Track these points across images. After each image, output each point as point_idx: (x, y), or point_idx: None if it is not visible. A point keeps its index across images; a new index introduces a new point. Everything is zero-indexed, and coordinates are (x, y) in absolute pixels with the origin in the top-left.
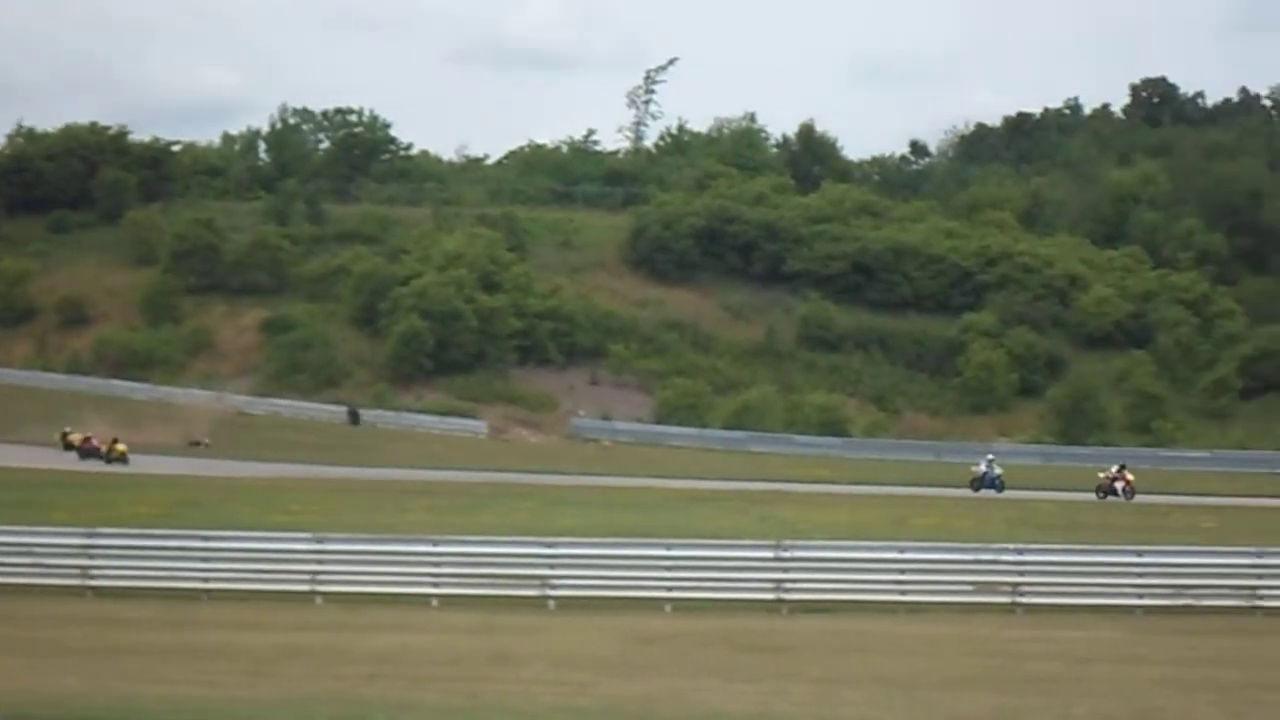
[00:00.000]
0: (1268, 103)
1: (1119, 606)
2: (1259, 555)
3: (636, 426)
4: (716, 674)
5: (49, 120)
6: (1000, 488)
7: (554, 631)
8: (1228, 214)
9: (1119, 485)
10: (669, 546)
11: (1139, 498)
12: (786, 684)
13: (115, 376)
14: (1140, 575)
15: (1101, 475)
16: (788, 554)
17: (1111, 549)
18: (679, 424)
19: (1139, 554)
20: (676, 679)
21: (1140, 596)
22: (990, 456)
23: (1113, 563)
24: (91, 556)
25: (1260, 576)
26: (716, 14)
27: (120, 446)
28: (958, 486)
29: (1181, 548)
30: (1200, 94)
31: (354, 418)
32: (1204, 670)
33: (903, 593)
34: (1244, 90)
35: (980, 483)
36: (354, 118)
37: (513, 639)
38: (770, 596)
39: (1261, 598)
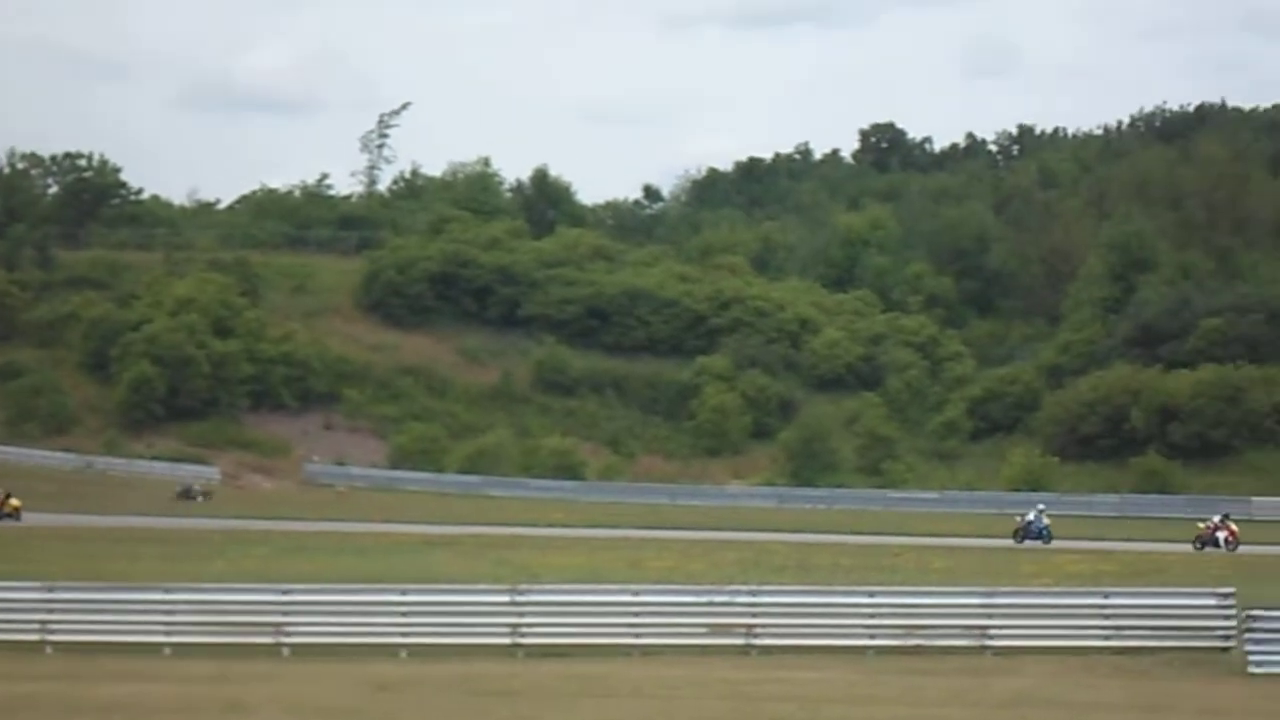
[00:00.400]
0: (994, 148)
1: (851, 647)
2: (988, 595)
3: (371, 471)
4: (452, 719)
5: None
6: (1048, 538)
7: (288, 679)
8: (955, 258)
9: (1221, 535)
10: (404, 592)
11: (871, 539)
12: None
13: None
14: (872, 616)
15: (1202, 526)
16: (523, 598)
17: (844, 590)
18: (414, 469)
19: (870, 595)
20: None
21: (872, 637)
22: (1041, 506)
23: (845, 603)
24: None
25: (989, 616)
26: (450, 59)
27: (14, 502)
28: (694, 529)
29: (912, 588)
30: (928, 139)
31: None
32: (933, 710)
33: (638, 635)
34: (970, 135)
35: (1025, 533)
36: (83, 162)
37: (247, 687)
38: (506, 641)
39: (991, 637)
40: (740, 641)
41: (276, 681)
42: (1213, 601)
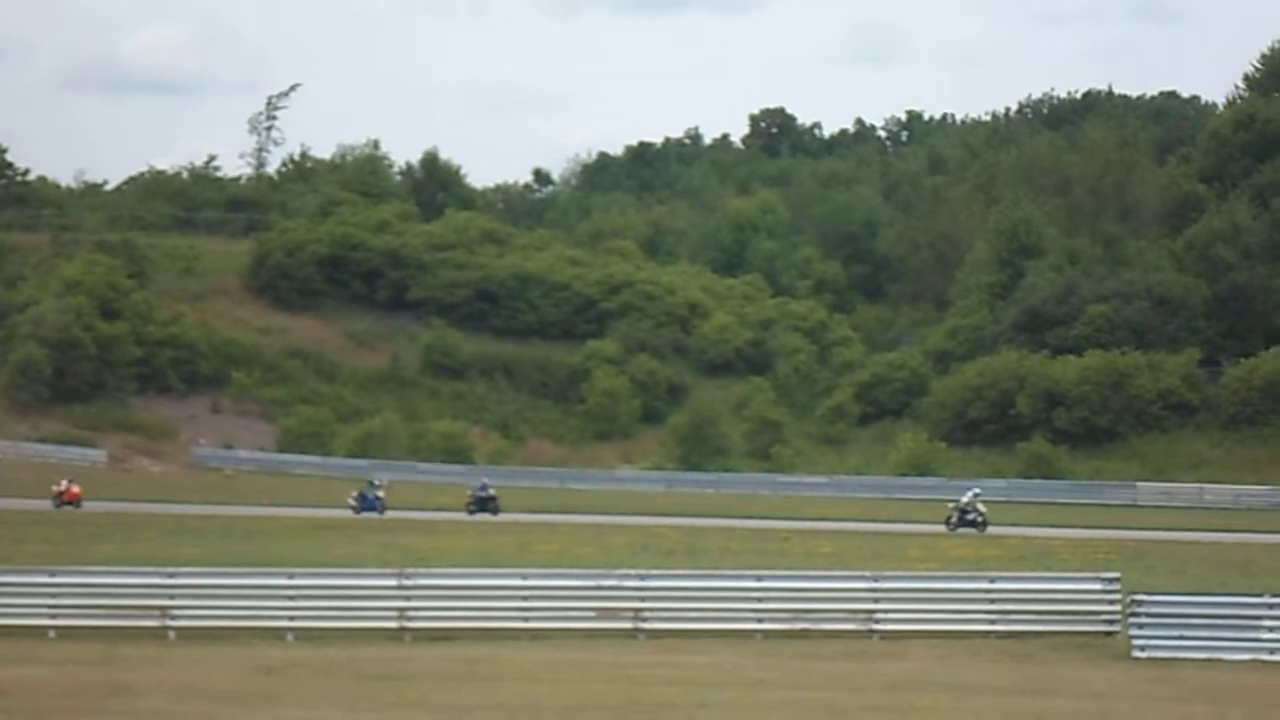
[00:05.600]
0: (883, 134)
1: (739, 631)
2: (875, 579)
3: (259, 455)
4: (339, 704)
5: None
6: (982, 526)
7: (175, 663)
8: (844, 243)
9: (970, 515)
10: (291, 575)
11: (759, 523)
12: (409, 712)
13: None
14: (760, 600)
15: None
16: (410, 582)
17: (732, 574)
18: (302, 452)
19: (758, 579)
20: (298, 709)
21: (760, 621)
22: (975, 490)
23: (733, 588)
24: None
25: (876, 600)
26: (339, 40)
27: (75, 489)
28: (583, 513)
29: (800, 572)
30: (817, 125)
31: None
32: (820, 693)
33: (526, 619)
34: (860, 121)
35: (960, 520)
36: None
37: (132, 671)
38: (394, 625)
39: (878, 621)
40: (628, 625)
41: (162, 665)
42: (1098, 586)
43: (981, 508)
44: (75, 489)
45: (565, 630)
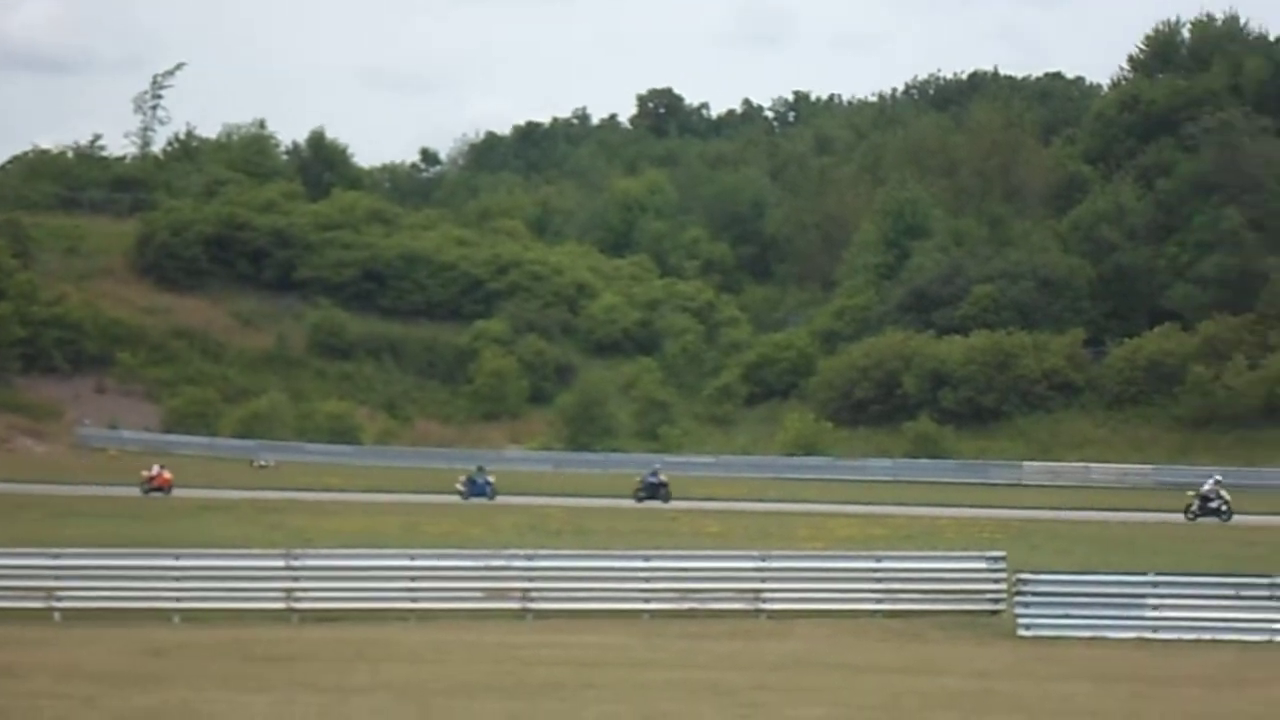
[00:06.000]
0: (770, 114)
1: (627, 611)
2: (762, 559)
3: (145, 435)
4: (226, 685)
5: None
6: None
7: (60, 644)
8: (732, 223)
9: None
10: (177, 556)
11: (647, 504)
12: (296, 693)
13: None
14: (648, 580)
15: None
16: (298, 562)
17: (619, 554)
18: (188, 433)
19: (646, 559)
20: (185, 690)
21: (648, 601)
22: (1217, 477)
23: (620, 568)
24: None
25: (763, 580)
26: (226, 19)
27: (166, 474)
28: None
29: (687, 552)
30: (705, 105)
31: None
32: (708, 673)
33: (414, 600)
34: (747, 102)
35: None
36: None
37: (18, 653)
38: (281, 605)
39: (765, 600)
40: (516, 606)
41: (48, 647)
42: (983, 565)
43: (1225, 494)
44: (167, 474)
45: (453, 611)
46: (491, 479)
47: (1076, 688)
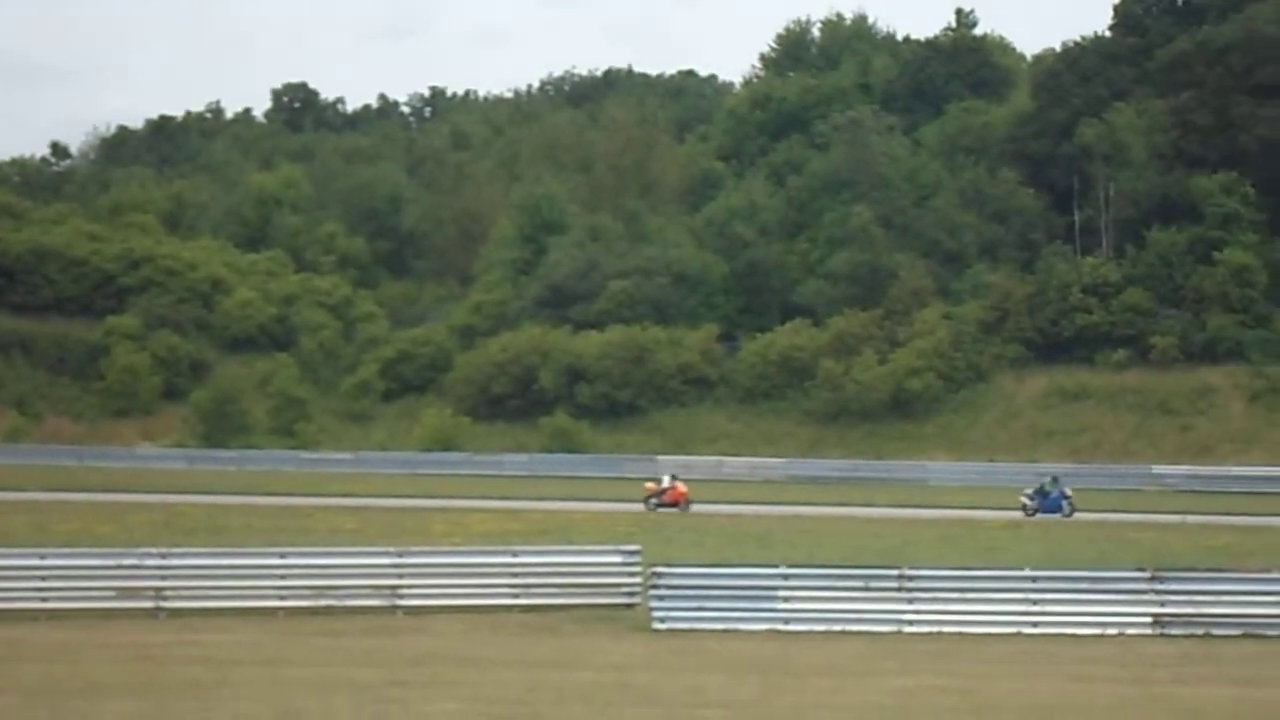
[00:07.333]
0: (406, 109)
1: (262, 609)
2: (400, 555)
3: None
4: None
5: None
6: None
7: None
8: (369, 218)
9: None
10: None
11: (283, 500)
12: None
13: None
14: (283, 577)
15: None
16: None
17: (254, 551)
18: None
19: (282, 556)
20: None
21: (283, 598)
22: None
23: (256, 565)
24: None
25: (401, 576)
26: None
27: (681, 487)
28: (102, 491)
29: (324, 549)
30: (341, 100)
31: None
32: (344, 670)
33: (44, 599)
34: (383, 97)
35: None
36: None
37: None
38: None
39: (402, 597)
40: (150, 605)
41: None
42: (619, 559)
43: (1068, 492)
44: (682, 487)
45: (85, 610)
46: (1069, 491)
47: (709, 679)
